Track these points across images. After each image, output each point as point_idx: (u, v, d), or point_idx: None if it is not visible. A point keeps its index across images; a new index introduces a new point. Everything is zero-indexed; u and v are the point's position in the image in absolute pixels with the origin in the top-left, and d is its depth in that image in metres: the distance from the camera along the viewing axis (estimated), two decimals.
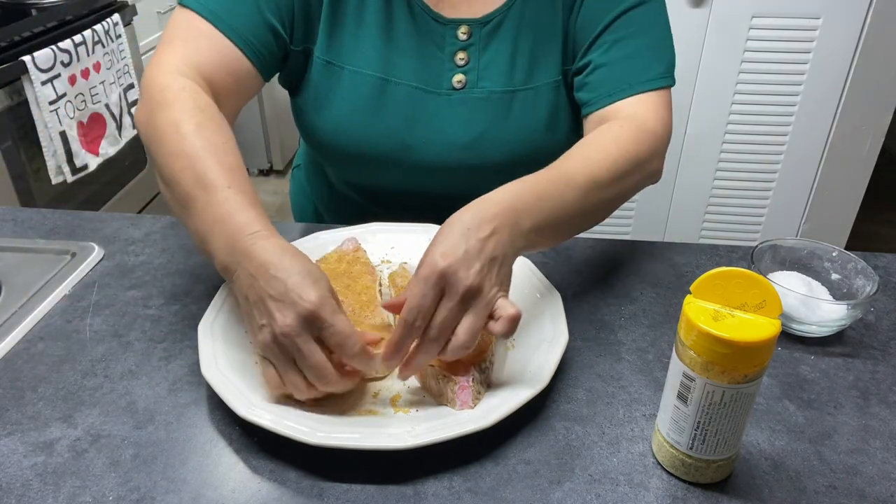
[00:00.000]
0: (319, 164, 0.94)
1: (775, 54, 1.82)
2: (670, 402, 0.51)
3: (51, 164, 1.71)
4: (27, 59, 1.57)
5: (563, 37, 0.80)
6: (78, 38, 1.73)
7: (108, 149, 1.92)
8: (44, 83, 1.63)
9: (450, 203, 0.70)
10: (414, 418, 0.55)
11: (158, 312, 0.70)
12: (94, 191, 1.96)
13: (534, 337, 0.63)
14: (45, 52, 1.63)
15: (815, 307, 0.65)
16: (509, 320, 0.54)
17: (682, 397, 0.50)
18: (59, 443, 0.55)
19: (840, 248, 0.70)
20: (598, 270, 0.78)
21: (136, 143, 2.04)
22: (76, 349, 0.65)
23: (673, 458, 0.53)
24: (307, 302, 0.51)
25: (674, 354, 0.50)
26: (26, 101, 1.62)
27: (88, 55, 1.78)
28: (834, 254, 0.71)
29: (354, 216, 0.87)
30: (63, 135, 1.72)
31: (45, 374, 0.62)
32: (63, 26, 1.77)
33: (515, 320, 0.54)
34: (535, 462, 0.54)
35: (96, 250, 0.79)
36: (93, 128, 1.85)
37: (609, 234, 2.11)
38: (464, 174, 0.82)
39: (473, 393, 0.55)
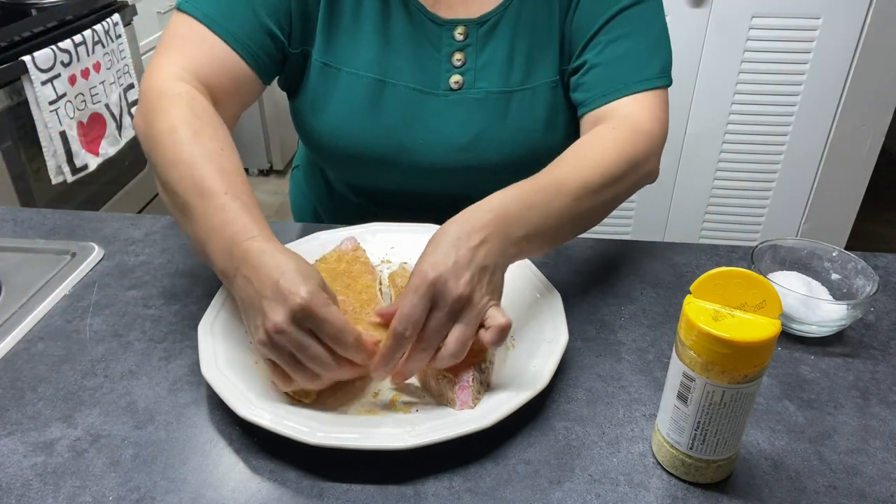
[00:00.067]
0: (318, 165, 0.94)
1: (775, 54, 1.82)
2: (670, 402, 0.51)
3: (51, 164, 1.71)
4: (27, 59, 1.58)
5: (560, 36, 0.79)
6: (78, 38, 1.73)
7: (108, 149, 1.92)
8: (44, 83, 1.63)
9: (448, 204, 0.70)
10: (414, 418, 0.55)
11: (158, 312, 0.70)
12: (94, 191, 1.96)
13: (534, 337, 0.63)
14: (45, 52, 1.63)
15: (815, 307, 0.65)
16: (499, 330, 0.53)
17: (682, 397, 0.50)
18: (59, 443, 0.55)
19: (840, 248, 0.70)
20: (598, 270, 0.78)
21: (136, 143, 2.02)
22: (76, 349, 0.65)
23: (673, 458, 0.53)
24: (297, 297, 0.51)
25: (674, 354, 0.50)
26: (26, 101, 1.62)
27: (88, 55, 1.78)
28: (834, 254, 0.71)
29: (353, 217, 0.87)
30: (63, 135, 1.72)
31: (45, 374, 0.62)
32: (63, 26, 1.77)
33: (505, 330, 0.54)
34: (535, 462, 0.54)
35: (96, 250, 0.79)
36: (93, 128, 1.85)
37: (609, 234, 2.11)
38: (462, 175, 0.82)
39: (473, 393, 0.55)
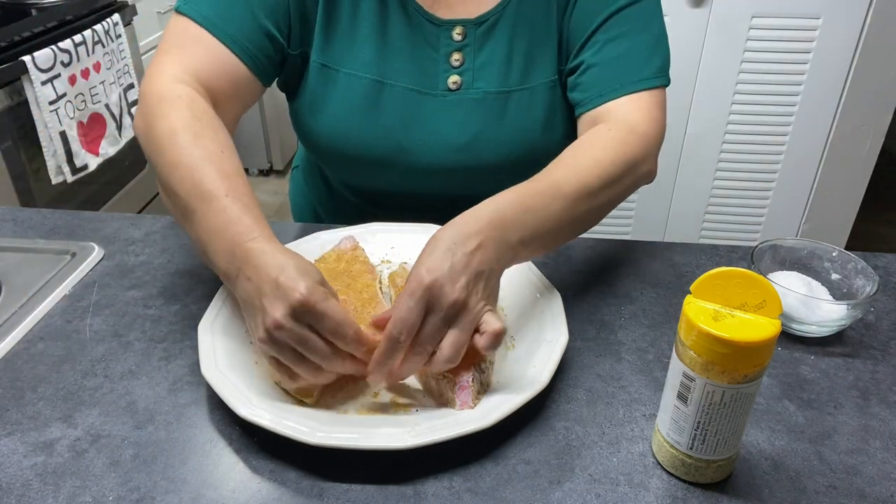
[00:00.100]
0: (318, 166, 0.94)
1: (775, 54, 1.82)
2: (670, 402, 0.51)
3: (51, 164, 1.71)
4: (27, 59, 1.58)
5: (559, 36, 0.79)
6: (78, 38, 1.73)
7: (108, 149, 1.92)
8: (44, 83, 1.63)
9: (447, 204, 0.70)
10: (414, 418, 0.55)
11: (158, 312, 0.70)
12: (94, 191, 1.96)
13: (534, 337, 0.63)
14: (45, 52, 1.63)
15: (815, 307, 0.65)
16: (493, 335, 0.53)
17: (682, 397, 0.50)
18: (59, 443, 0.55)
19: (840, 248, 0.70)
20: (598, 270, 0.78)
21: (136, 143, 2.02)
22: (76, 349, 0.65)
23: (673, 458, 0.53)
24: (296, 292, 0.51)
25: (674, 354, 0.50)
26: (26, 101, 1.62)
27: (88, 55, 1.78)
28: (834, 254, 0.71)
29: (353, 217, 0.87)
30: (63, 135, 1.72)
31: (45, 374, 0.62)
32: (63, 26, 1.77)
33: (500, 336, 0.54)
34: (535, 462, 0.54)
35: (96, 250, 0.79)
36: (93, 128, 1.85)
37: (609, 234, 2.11)
38: (460, 175, 0.82)
39: (473, 393, 0.55)
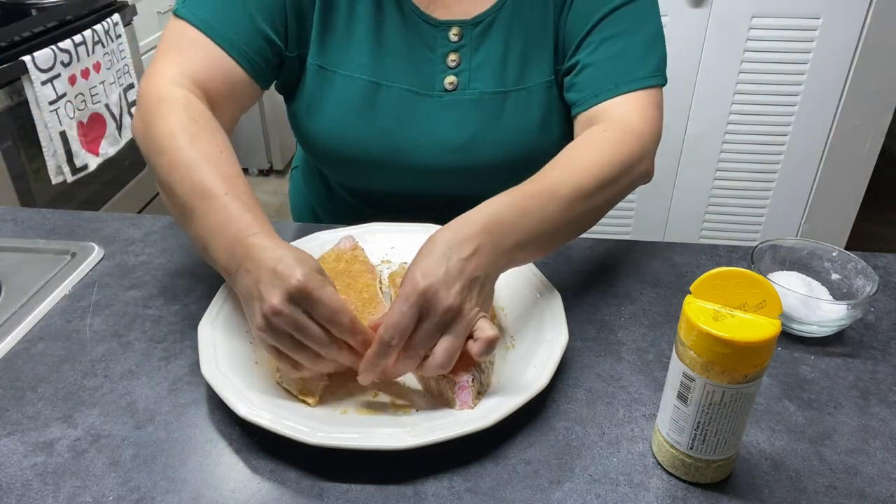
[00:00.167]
0: (317, 167, 0.94)
1: (775, 54, 1.82)
2: (670, 402, 0.51)
3: (51, 164, 1.71)
4: (27, 59, 1.58)
5: (555, 36, 0.79)
6: (78, 38, 1.73)
7: (108, 149, 1.92)
8: (44, 83, 1.63)
9: (444, 205, 0.70)
10: (414, 418, 0.55)
11: (158, 312, 0.70)
12: (94, 191, 1.96)
13: (534, 337, 0.63)
14: (45, 52, 1.63)
15: (815, 307, 0.65)
16: (487, 342, 0.53)
17: (682, 397, 0.50)
18: (59, 443, 0.55)
19: (840, 248, 0.70)
20: (598, 270, 0.78)
21: (135, 144, 2.02)
22: (76, 349, 0.65)
23: (673, 458, 0.53)
24: (293, 278, 0.51)
25: (674, 354, 0.50)
26: (26, 101, 1.62)
27: (88, 55, 1.78)
28: (834, 254, 0.71)
29: (352, 217, 0.87)
30: (63, 135, 1.72)
31: (45, 374, 0.62)
32: (63, 26, 1.77)
33: (493, 342, 0.54)
34: (535, 462, 0.54)
35: (96, 250, 0.79)
36: (93, 128, 1.85)
37: (609, 234, 2.11)
38: (457, 176, 0.82)
39: (473, 393, 0.55)
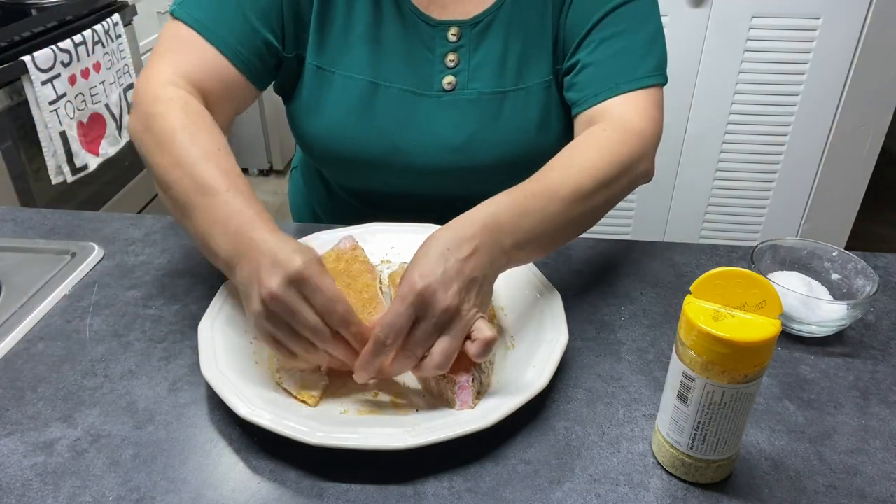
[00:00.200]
0: (316, 167, 0.94)
1: (775, 54, 1.82)
2: (670, 402, 0.51)
3: (51, 164, 1.71)
4: (27, 59, 1.57)
5: (554, 36, 0.79)
6: (78, 38, 1.73)
7: (108, 149, 1.92)
8: (44, 83, 1.63)
9: (443, 205, 0.70)
10: (414, 418, 0.55)
11: (158, 312, 0.70)
12: (94, 191, 1.96)
13: (534, 337, 0.63)
14: (45, 52, 1.63)
15: (815, 307, 0.65)
16: (484, 343, 0.53)
17: (682, 397, 0.50)
18: (59, 443, 0.55)
19: (840, 248, 0.70)
20: (598, 270, 0.78)
21: None
22: (76, 349, 0.65)
23: (673, 458, 0.53)
24: (293, 264, 0.51)
25: (674, 354, 0.50)
26: (26, 101, 1.62)
27: (88, 55, 1.78)
28: (834, 254, 0.71)
29: (351, 217, 0.87)
30: (63, 135, 1.72)
31: (45, 374, 0.62)
32: (63, 26, 1.77)
33: (491, 343, 0.54)
34: (535, 462, 0.54)
35: (96, 250, 0.79)
36: (93, 128, 1.85)
37: (609, 234, 2.11)
38: (456, 176, 0.82)
39: (473, 393, 0.55)
